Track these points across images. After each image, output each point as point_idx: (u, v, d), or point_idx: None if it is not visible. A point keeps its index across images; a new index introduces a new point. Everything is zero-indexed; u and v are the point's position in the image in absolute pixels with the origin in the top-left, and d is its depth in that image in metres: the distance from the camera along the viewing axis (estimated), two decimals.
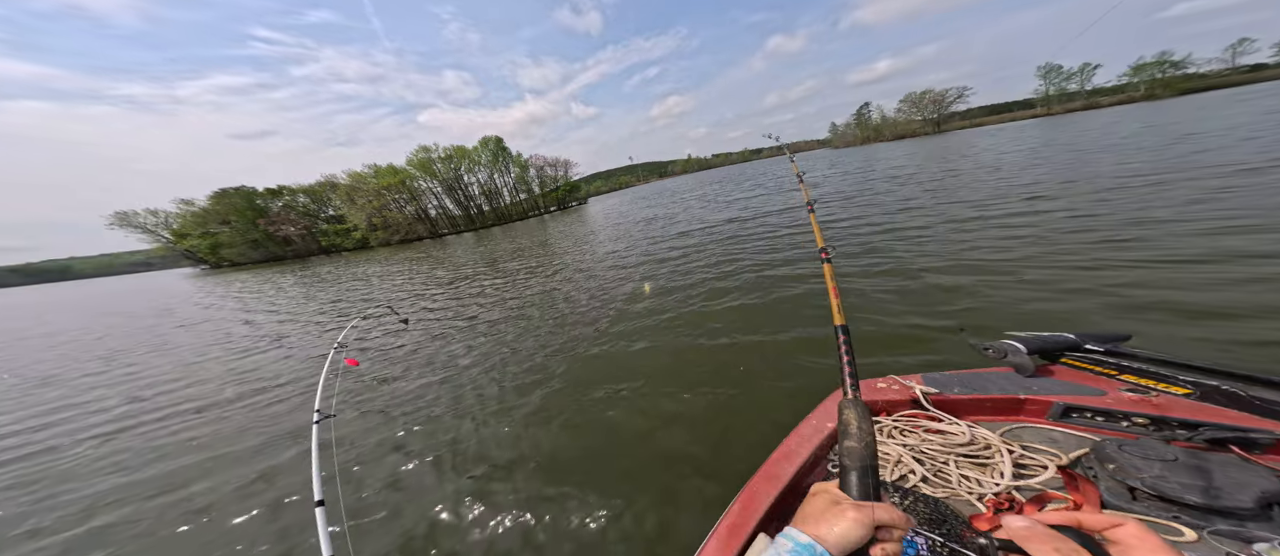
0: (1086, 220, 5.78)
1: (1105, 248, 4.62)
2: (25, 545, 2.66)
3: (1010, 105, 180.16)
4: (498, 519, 2.26)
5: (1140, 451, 0.91)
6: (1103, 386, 1.24)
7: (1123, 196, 6.73)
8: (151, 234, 71.75)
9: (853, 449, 0.48)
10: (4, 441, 4.58)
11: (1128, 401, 1.14)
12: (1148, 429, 1.07)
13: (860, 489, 0.45)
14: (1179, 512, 0.82)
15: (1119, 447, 0.94)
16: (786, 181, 21.78)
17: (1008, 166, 12.83)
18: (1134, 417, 1.09)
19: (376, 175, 61.04)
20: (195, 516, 2.73)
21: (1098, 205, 6.46)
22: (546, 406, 3.46)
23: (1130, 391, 1.18)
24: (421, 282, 12.39)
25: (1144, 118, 24.72)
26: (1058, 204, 6.97)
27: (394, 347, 5.86)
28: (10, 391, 6.80)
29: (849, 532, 0.41)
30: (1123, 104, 69.58)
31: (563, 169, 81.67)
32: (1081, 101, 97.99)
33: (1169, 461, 0.87)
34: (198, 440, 3.94)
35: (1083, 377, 1.31)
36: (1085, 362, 1.34)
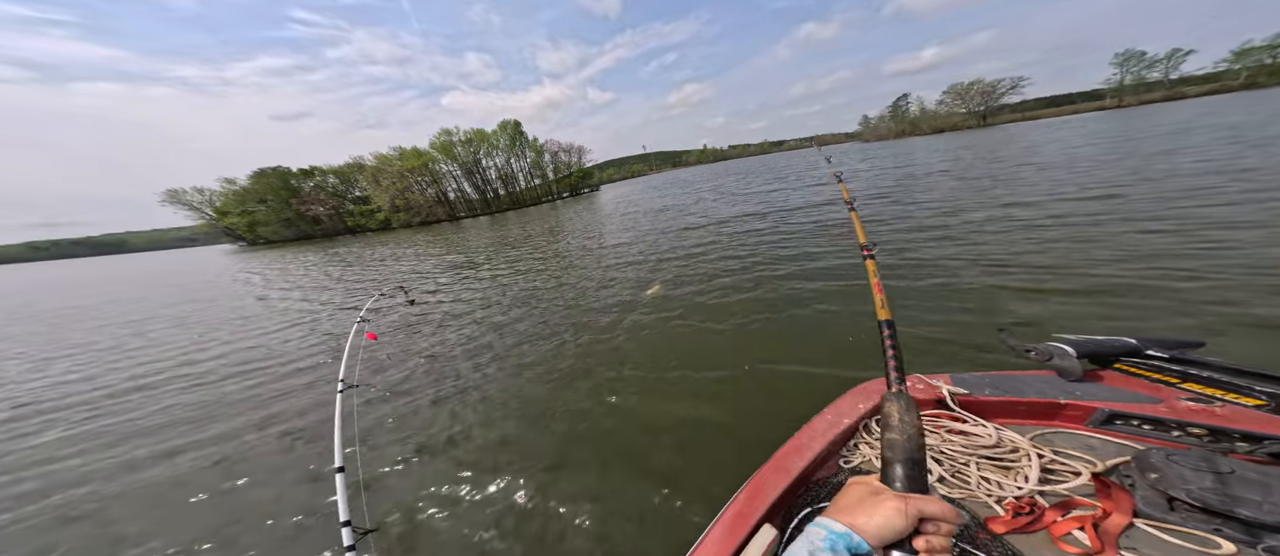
0: (1154, 220, 5.29)
1: (1179, 250, 4.19)
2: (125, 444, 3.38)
3: (1073, 96, 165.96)
4: (507, 491, 2.34)
5: (1191, 462, 0.85)
6: (1159, 394, 1.16)
7: (1208, 196, 6.09)
8: (197, 211, 76.69)
9: (895, 441, 0.46)
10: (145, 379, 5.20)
11: (1184, 410, 1.07)
12: (1203, 440, 1.00)
13: (905, 481, 0.43)
14: (1222, 525, 0.78)
15: (1166, 457, 0.88)
16: (809, 175, 20.82)
17: (1069, 161, 11.84)
18: (1189, 427, 1.02)
19: (401, 157, 62.80)
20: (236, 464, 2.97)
21: (1165, 207, 5.88)
22: (552, 397, 3.52)
23: (1191, 401, 1.10)
24: (433, 266, 12.73)
25: (1245, 106, 22.12)
26: (1117, 204, 6.41)
27: (410, 323, 6.14)
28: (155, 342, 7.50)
29: (889, 522, 0.39)
30: (1215, 94, 61.78)
31: (577, 155, 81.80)
32: (1162, 91, 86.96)
33: (1223, 474, 0.82)
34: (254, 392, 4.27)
35: (1137, 384, 1.22)
36: (1143, 369, 1.25)
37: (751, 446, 2.26)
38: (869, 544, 0.38)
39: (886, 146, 47.51)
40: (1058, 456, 1.08)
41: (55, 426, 4.12)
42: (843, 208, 1.58)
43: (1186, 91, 79.61)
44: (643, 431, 2.68)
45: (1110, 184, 7.90)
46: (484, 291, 7.75)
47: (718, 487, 2.03)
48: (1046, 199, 7.42)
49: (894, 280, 4.69)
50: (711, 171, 53.48)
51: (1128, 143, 14.22)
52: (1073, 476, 1.01)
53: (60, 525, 2.54)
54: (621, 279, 6.77)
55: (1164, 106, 47.28)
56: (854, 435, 1.35)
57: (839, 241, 6.01)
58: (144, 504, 2.66)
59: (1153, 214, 5.64)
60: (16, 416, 4.59)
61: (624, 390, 3.27)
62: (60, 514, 2.65)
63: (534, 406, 3.26)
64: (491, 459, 2.65)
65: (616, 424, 2.84)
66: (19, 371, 6.38)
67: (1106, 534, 0.85)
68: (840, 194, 1.72)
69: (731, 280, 5.71)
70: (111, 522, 2.51)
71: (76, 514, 2.64)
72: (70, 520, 2.58)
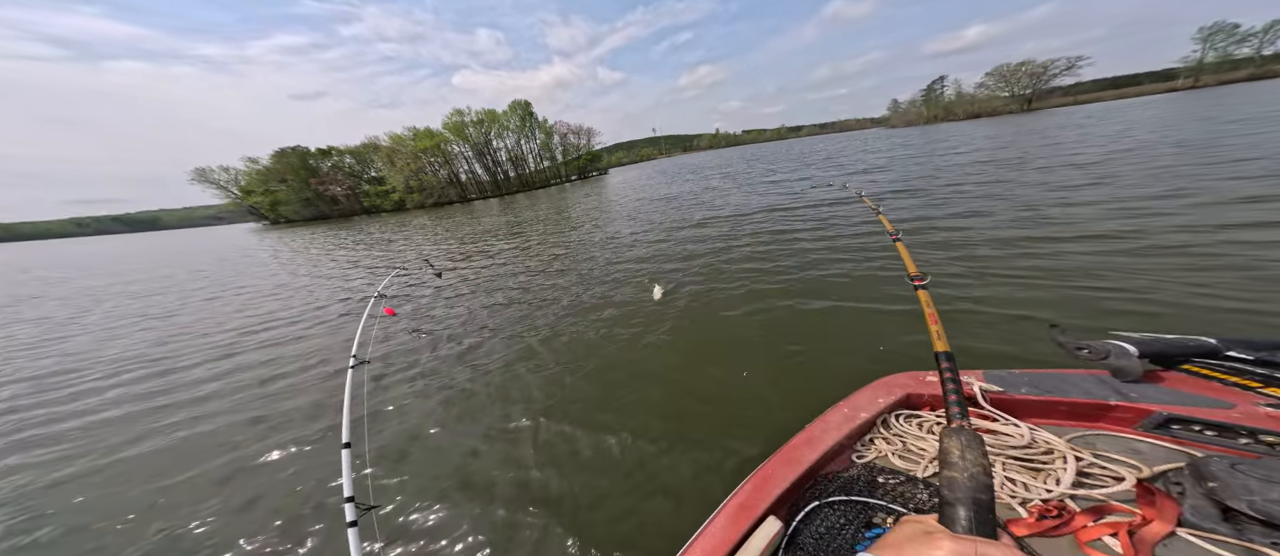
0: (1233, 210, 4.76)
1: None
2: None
3: (1139, 76, 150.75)
4: (515, 476, 2.39)
5: (1262, 472, 0.78)
6: (1232, 399, 1.05)
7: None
8: (224, 190, 79.32)
9: (954, 480, 0.44)
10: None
11: (1261, 417, 0.97)
12: (1275, 449, 0.91)
13: (965, 522, 0.40)
14: (1274, 535, 0.72)
15: (1231, 466, 0.81)
16: (834, 160, 19.99)
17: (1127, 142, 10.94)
18: (1261, 434, 0.93)
19: (415, 138, 63.17)
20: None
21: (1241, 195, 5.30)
22: (551, 385, 3.55)
23: (1272, 407, 1.00)
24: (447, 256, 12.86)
25: None
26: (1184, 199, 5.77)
27: (426, 302, 6.22)
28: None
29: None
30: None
31: (586, 137, 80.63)
32: (1250, 69, 76.15)
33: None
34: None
35: (1207, 388, 1.12)
36: (1217, 371, 1.14)
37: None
38: None
39: (915, 132, 44.74)
40: (1098, 460, 1.00)
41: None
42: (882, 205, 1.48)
43: (1279, 69, 70.18)
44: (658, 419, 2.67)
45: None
46: (508, 268, 7.83)
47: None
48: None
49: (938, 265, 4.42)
50: (721, 157, 51.68)
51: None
52: (1114, 482, 0.94)
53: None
54: (625, 277, 6.67)
55: (1248, 86, 41.79)
56: (870, 430, 1.31)
57: (883, 267, 4.88)
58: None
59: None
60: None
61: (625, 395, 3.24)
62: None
63: (548, 389, 3.30)
64: (502, 443, 2.69)
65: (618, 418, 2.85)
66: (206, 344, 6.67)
67: (1142, 542, 0.79)
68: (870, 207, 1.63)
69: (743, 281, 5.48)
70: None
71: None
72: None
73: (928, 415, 1.29)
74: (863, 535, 0.94)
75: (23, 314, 9.74)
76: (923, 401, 1.37)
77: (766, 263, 5.58)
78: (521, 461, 2.46)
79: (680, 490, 2.03)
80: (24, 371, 5.43)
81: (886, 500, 1.02)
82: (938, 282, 3.87)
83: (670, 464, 2.23)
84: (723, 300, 4.54)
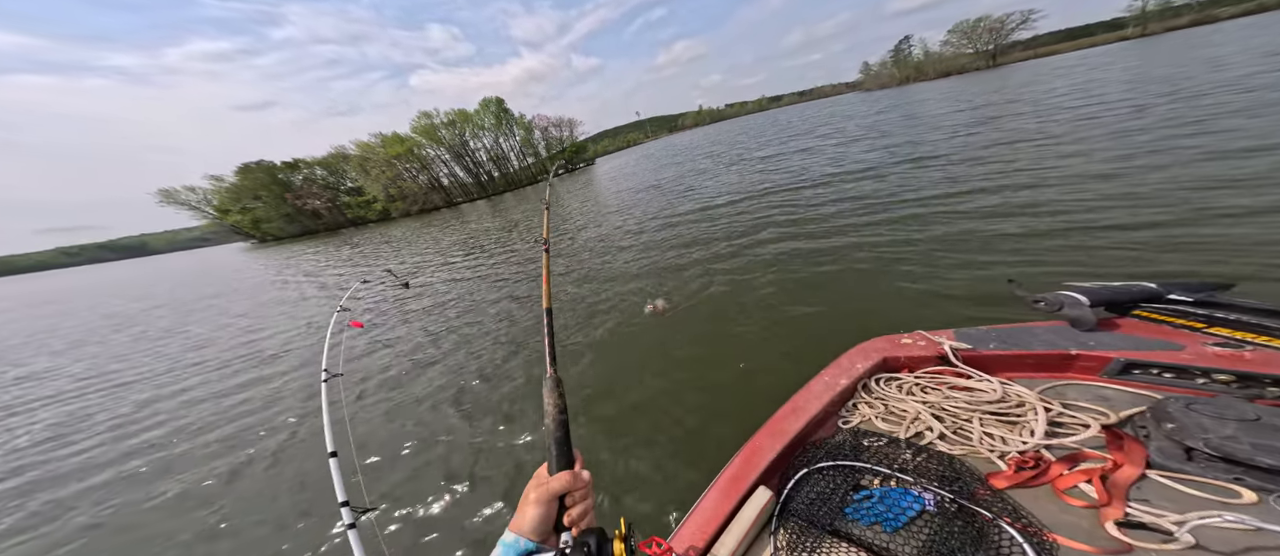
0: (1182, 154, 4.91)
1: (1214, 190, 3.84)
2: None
3: (1092, 27, 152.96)
4: (503, 468, 2.42)
5: (1214, 410, 0.81)
6: (1182, 341, 1.09)
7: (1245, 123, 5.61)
8: (198, 210, 76.30)
9: (547, 427, 0.51)
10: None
11: (1210, 356, 1.01)
12: (1230, 386, 0.95)
13: (554, 464, 0.49)
14: (1244, 474, 0.75)
15: (1186, 406, 0.84)
16: (824, 129, 19.61)
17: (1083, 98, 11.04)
18: (1214, 374, 0.97)
19: (384, 144, 61.11)
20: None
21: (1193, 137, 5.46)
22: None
23: (1218, 346, 1.03)
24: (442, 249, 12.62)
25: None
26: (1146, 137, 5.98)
27: (398, 311, 6.22)
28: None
29: (536, 515, 0.44)
30: (1253, 13, 56.80)
31: (568, 129, 78.89)
32: (1190, 15, 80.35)
33: (1248, 421, 0.77)
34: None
35: (1158, 331, 1.16)
36: (1164, 315, 1.18)
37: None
38: (533, 539, 0.43)
39: (886, 95, 44.50)
40: (1067, 409, 1.04)
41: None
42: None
43: (1218, 14, 73.56)
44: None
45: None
46: (481, 276, 7.75)
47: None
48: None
49: (888, 231, 4.51)
50: (706, 136, 50.95)
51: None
52: (1082, 429, 0.98)
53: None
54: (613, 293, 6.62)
55: (1193, 32, 43.26)
56: (853, 395, 1.33)
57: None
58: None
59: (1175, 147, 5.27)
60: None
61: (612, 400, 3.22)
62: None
63: (525, 385, 3.33)
64: (482, 440, 2.72)
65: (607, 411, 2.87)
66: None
67: (1115, 486, 0.81)
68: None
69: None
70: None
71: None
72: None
73: (907, 377, 1.32)
74: (851, 497, 0.97)
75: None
76: (900, 363, 1.39)
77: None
78: (510, 454, 2.50)
79: (648, 505, 2.04)
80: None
81: (872, 462, 1.04)
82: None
83: (641, 474, 2.25)
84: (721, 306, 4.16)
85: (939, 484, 0.94)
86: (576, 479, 0.47)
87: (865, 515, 0.91)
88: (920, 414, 1.15)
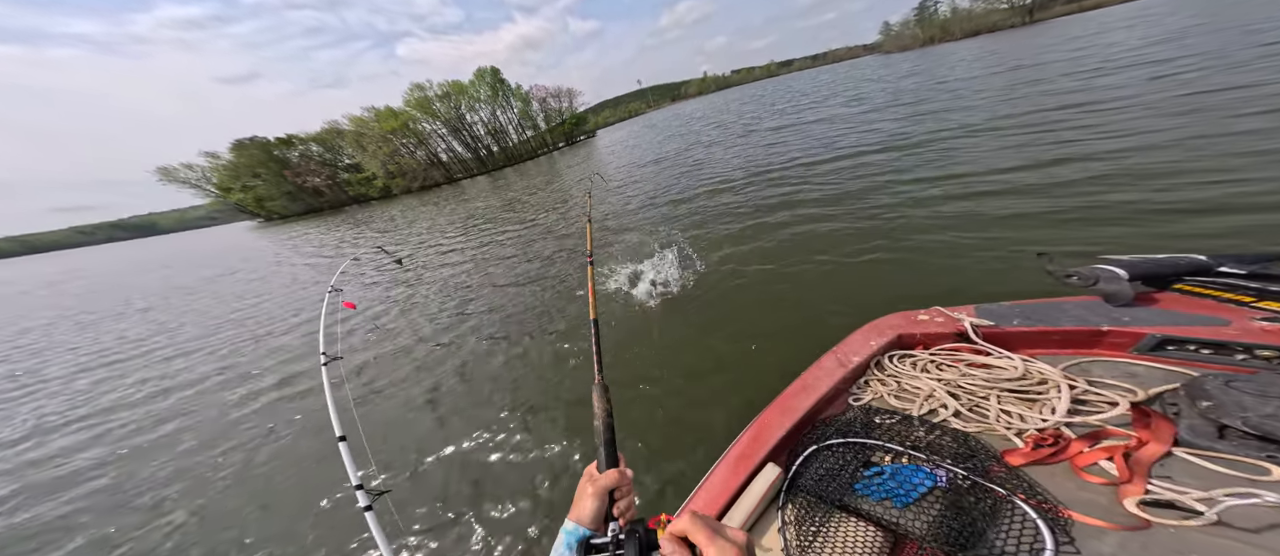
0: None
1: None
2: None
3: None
4: (515, 440, 2.50)
5: (1256, 387, 0.77)
6: (1227, 315, 1.04)
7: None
8: (200, 189, 76.06)
9: (597, 428, 0.58)
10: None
11: (1256, 331, 0.95)
12: (1273, 363, 0.90)
13: (602, 463, 0.56)
14: (1277, 452, 0.72)
15: (1225, 383, 0.80)
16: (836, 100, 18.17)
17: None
18: (1257, 350, 0.92)
19: (378, 119, 59.42)
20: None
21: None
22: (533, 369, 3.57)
23: (1267, 321, 0.98)
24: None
25: None
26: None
27: (394, 293, 6.24)
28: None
29: (593, 507, 0.52)
30: None
31: (567, 100, 75.86)
32: None
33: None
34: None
35: (1201, 305, 1.10)
36: (1211, 288, 1.12)
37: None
38: (589, 526, 0.50)
39: (910, 57, 41.44)
40: (1093, 386, 1.00)
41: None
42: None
43: None
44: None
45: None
46: (479, 254, 7.70)
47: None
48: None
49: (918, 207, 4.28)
50: (714, 105, 48.19)
51: None
52: (1108, 407, 0.95)
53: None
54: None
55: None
56: (865, 373, 1.31)
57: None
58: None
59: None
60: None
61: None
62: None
63: (530, 360, 3.37)
64: (493, 416, 2.79)
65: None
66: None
67: (1138, 463, 0.79)
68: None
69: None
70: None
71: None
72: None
73: (921, 354, 1.29)
74: (861, 474, 0.96)
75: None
76: (915, 341, 1.36)
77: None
78: (517, 427, 2.57)
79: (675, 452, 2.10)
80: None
81: (883, 439, 1.04)
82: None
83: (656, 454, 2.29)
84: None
85: (952, 461, 0.93)
86: (623, 476, 0.54)
87: (875, 491, 0.91)
88: (935, 391, 1.13)
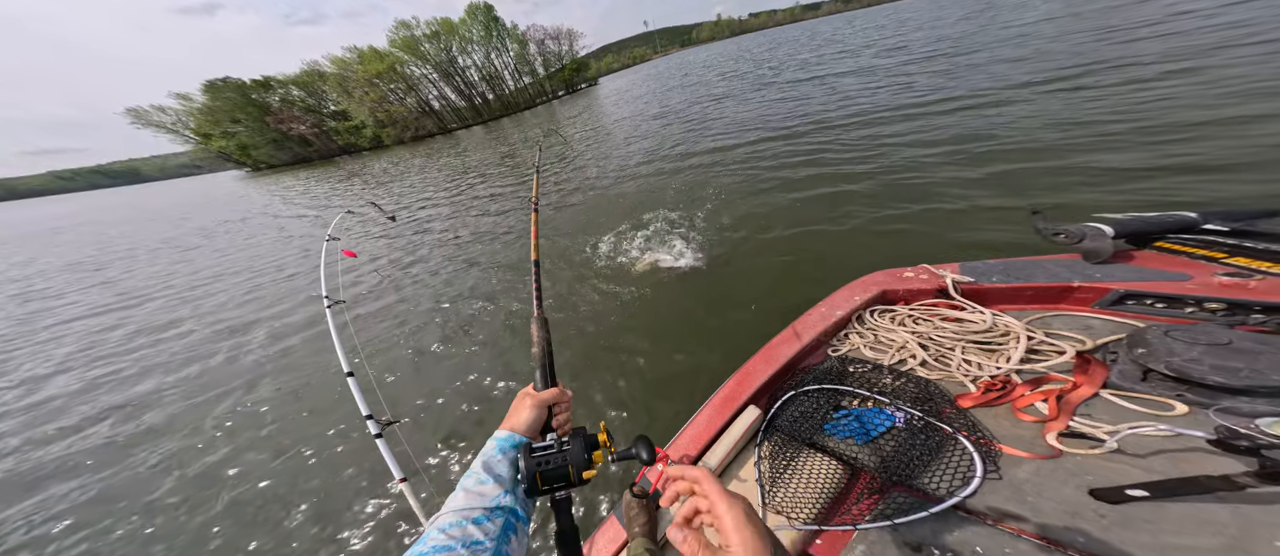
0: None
1: None
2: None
3: None
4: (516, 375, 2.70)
5: (1190, 336, 0.85)
6: (1193, 271, 1.10)
7: None
8: (177, 134, 72.70)
9: (535, 354, 0.63)
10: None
11: (1214, 286, 1.02)
12: (1217, 315, 0.98)
13: (540, 383, 0.60)
14: (1185, 391, 0.81)
15: (1165, 333, 0.87)
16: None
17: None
18: (1206, 302, 0.99)
19: (362, 61, 54.95)
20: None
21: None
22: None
23: (1227, 276, 1.04)
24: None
25: None
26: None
27: (394, 243, 6.34)
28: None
29: (531, 417, 0.54)
30: None
31: (567, 42, 69.51)
32: None
33: (1219, 345, 0.81)
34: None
35: (1173, 262, 1.16)
36: (1189, 245, 1.17)
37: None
38: (526, 435, 0.52)
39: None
40: (1049, 337, 1.08)
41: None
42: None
43: None
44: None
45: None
46: (467, 208, 7.61)
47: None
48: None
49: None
50: (728, 52, 43.35)
51: None
52: (1057, 355, 1.03)
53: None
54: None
55: None
56: (846, 326, 1.39)
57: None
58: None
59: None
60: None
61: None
62: None
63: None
64: (495, 352, 2.99)
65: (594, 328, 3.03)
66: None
67: (1067, 403, 0.89)
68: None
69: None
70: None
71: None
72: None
73: (901, 309, 1.36)
74: (831, 416, 1.07)
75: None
76: (897, 296, 1.43)
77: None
78: (517, 368, 2.77)
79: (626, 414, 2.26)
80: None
81: (854, 385, 1.14)
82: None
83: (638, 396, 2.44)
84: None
85: (910, 404, 1.03)
86: (563, 393, 0.58)
87: (841, 430, 1.01)
88: (907, 343, 1.22)
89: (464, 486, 0.45)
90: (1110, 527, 0.69)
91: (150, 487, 2.51)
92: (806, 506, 0.87)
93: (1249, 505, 0.66)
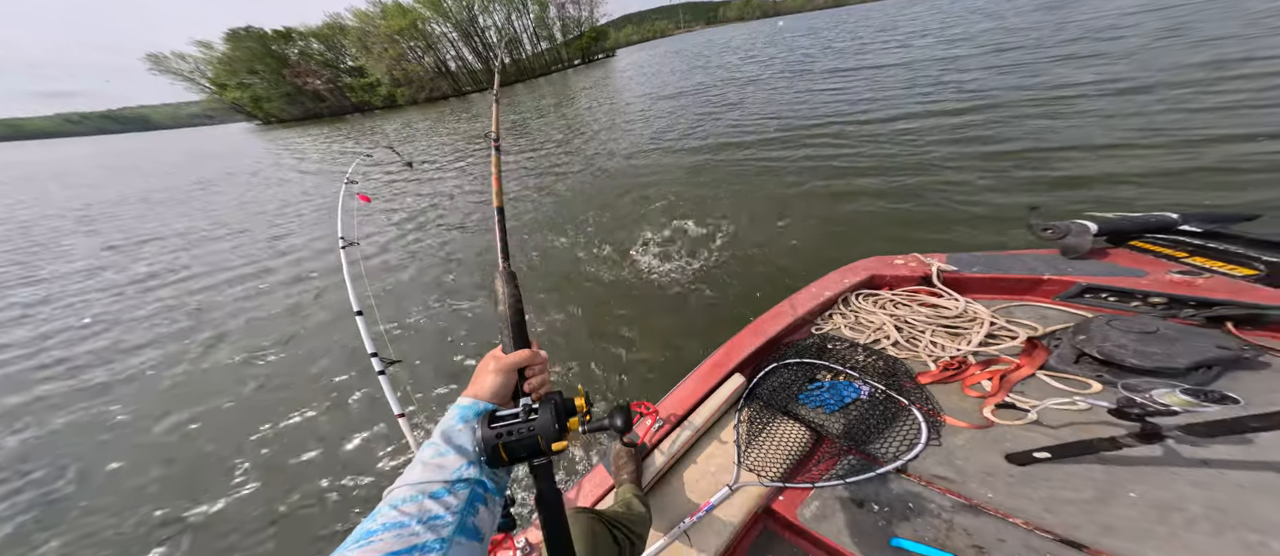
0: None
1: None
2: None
3: None
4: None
5: (1125, 326, 0.95)
6: (1150, 268, 1.19)
7: None
8: (193, 82, 72.92)
9: (501, 313, 0.55)
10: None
11: (1162, 282, 1.11)
12: (1156, 308, 1.08)
13: (509, 345, 0.53)
14: (1103, 371, 0.93)
15: (1106, 322, 0.97)
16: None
17: None
18: (1151, 297, 1.10)
19: (385, 15, 53.69)
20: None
21: None
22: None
23: (1179, 274, 1.13)
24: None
25: None
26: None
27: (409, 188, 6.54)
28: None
29: (495, 382, 0.48)
30: None
31: (588, 7, 66.56)
32: None
33: (1147, 334, 0.92)
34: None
35: (1139, 260, 1.25)
36: (1158, 245, 1.27)
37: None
38: (492, 402, 0.47)
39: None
40: (1008, 324, 1.17)
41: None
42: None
43: None
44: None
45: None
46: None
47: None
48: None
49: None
50: (759, 34, 34.96)
51: None
52: (1010, 340, 1.12)
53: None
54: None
55: None
56: (831, 307, 1.47)
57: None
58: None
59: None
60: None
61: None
62: None
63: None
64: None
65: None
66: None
67: (1007, 382, 0.98)
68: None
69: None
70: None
71: None
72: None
73: (884, 293, 1.43)
74: (806, 387, 1.17)
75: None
76: (884, 282, 1.50)
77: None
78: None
79: (624, 376, 2.32)
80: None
81: (830, 361, 1.22)
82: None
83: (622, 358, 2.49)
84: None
85: (877, 379, 1.11)
86: (535, 355, 0.51)
87: (814, 400, 1.11)
88: (885, 325, 1.29)
89: (421, 459, 0.41)
90: (1015, 485, 0.79)
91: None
92: (775, 466, 0.97)
93: (1121, 466, 0.76)
